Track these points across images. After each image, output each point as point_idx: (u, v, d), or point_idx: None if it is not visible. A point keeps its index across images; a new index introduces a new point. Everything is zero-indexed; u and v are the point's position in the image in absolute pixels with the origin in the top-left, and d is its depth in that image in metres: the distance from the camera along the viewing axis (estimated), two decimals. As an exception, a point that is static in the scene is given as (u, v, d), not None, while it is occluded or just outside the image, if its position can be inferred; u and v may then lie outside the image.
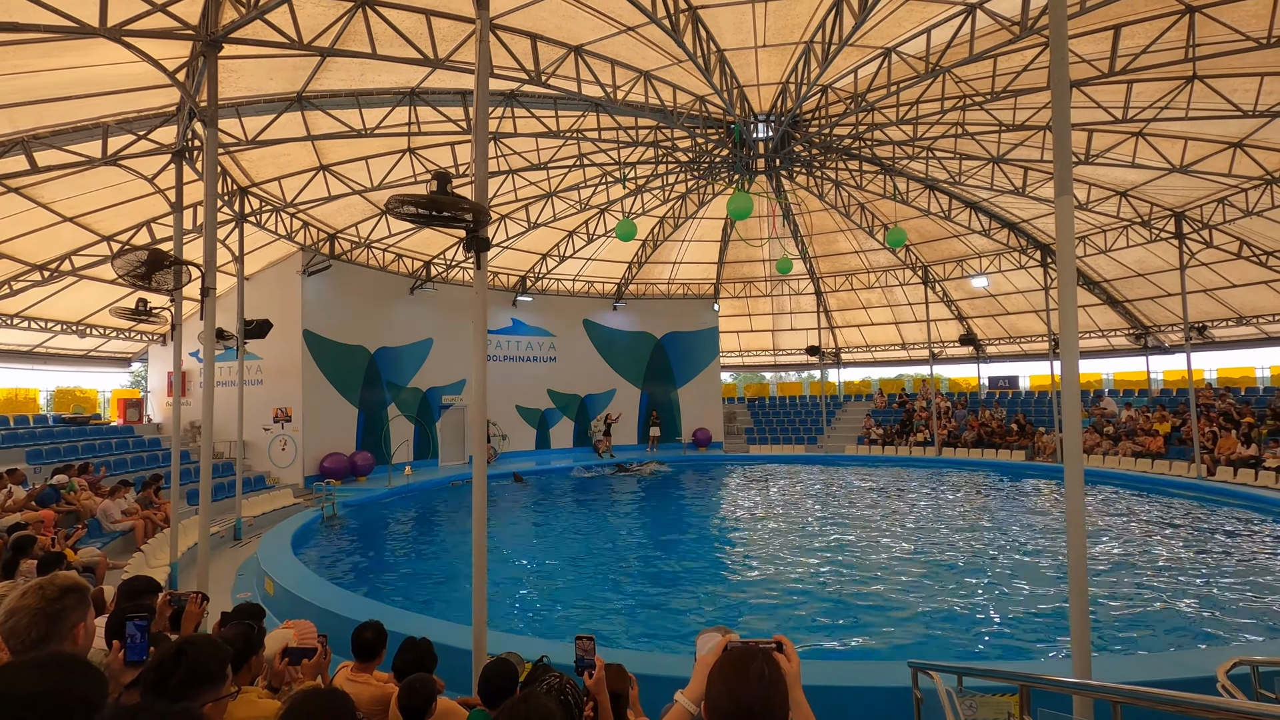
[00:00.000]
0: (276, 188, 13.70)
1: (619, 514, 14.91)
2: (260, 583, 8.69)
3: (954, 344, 26.33)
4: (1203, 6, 8.98)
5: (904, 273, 24.54)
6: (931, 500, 15.42)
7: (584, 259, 23.60)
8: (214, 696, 1.97)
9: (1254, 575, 9.02)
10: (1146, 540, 11.13)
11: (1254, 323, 19.98)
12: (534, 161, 14.89)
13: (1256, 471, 15.60)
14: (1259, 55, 9.73)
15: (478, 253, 4.96)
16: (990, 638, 7.15)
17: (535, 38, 10.08)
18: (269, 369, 17.44)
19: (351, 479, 17.51)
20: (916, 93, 12.36)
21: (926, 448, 23.07)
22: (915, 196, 18.78)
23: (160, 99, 9.46)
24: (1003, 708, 3.36)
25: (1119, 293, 21.79)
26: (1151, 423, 19.39)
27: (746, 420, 28.57)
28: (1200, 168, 13.41)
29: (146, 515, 10.87)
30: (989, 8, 9.41)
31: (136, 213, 12.57)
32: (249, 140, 10.93)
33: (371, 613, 6.31)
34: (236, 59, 9.02)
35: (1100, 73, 10.37)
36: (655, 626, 7.78)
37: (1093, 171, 15.31)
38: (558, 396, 24.77)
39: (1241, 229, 16.41)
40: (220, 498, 13.46)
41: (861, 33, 9.92)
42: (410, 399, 20.46)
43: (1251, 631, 7.10)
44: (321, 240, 17.08)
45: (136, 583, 3.80)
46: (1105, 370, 25.06)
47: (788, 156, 15.30)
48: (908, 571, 9.58)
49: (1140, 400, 21.91)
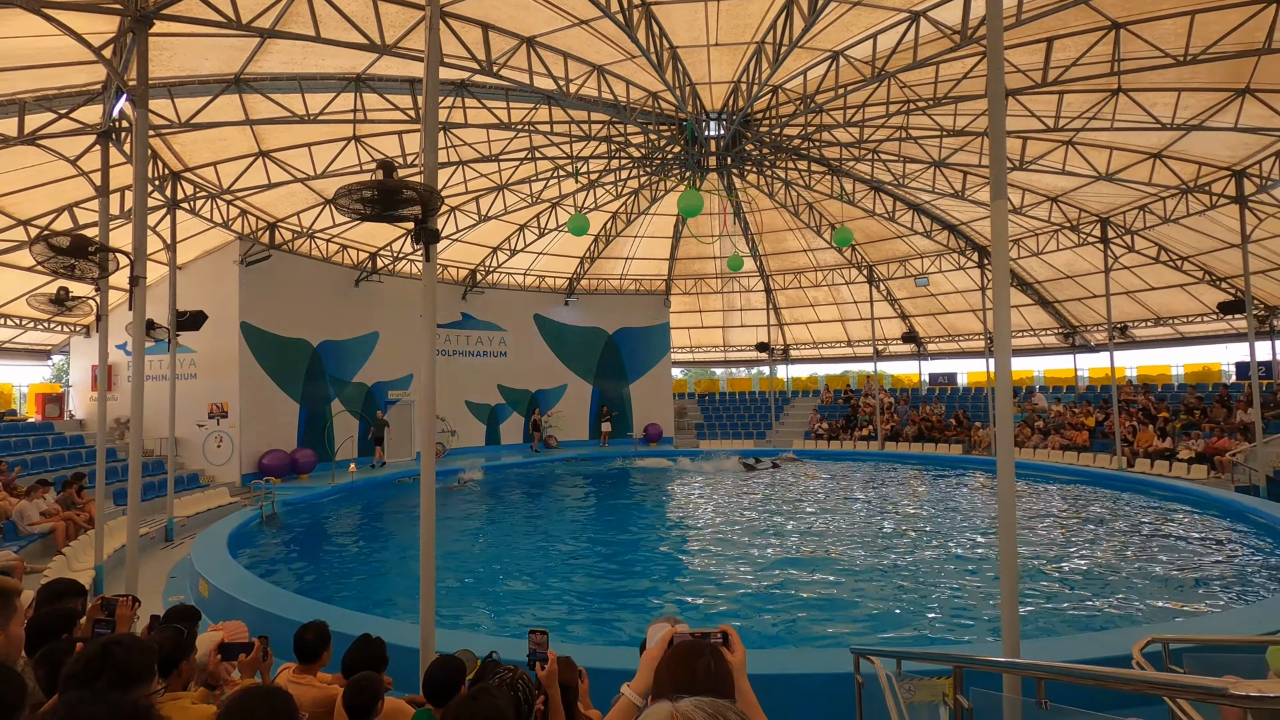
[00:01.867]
0: (212, 173, 13.11)
1: (569, 508, 14.89)
2: (194, 585, 8.35)
3: (897, 341, 27.20)
4: (1128, 23, 9.50)
5: (850, 272, 25.18)
6: (874, 492, 15.91)
7: (535, 253, 23.40)
8: (142, 695, 1.91)
9: (1166, 559, 9.65)
10: (1071, 527, 11.75)
11: (1170, 323, 21.27)
12: (485, 153, 14.67)
13: (1170, 463, 16.64)
14: (1177, 71, 10.37)
15: (426, 244, 4.87)
16: (928, 622, 7.45)
17: (487, 27, 9.92)
18: (203, 363, 16.70)
19: (292, 477, 16.94)
20: (863, 96, 12.70)
21: (870, 442, 23.77)
22: (861, 197, 19.29)
23: (84, 76, 8.94)
24: (938, 689, 3.52)
25: (1049, 294, 22.88)
26: (1078, 417, 20.45)
27: (697, 415, 28.87)
28: (1124, 176, 14.20)
29: (68, 516, 10.29)
30: (931, 16, 9.73)
31: (57, 196, 11.85)
32: (182, 123, 10.43)
33: (314, 613, 6.14)
34: (169, 37, 8.60)
35: (1034, 83, 10.86)
36: (604, 618, 7.82)
37: (1026, 177, 16.03)
38: (508, 392, 24.51)
39: (1160, 235, 17.45)
40: (150, 497, 12.85)
41: (810, 35, 10.13)
42: (355, 394, 19.93)
43: (1163, 611, 7.59)
44: (261, 229, 16.43)
45: (58, 585, 3.59)
46: (1036, 368, 26.29)
47: (739, 155, 15.51)
48: (850, 560, 9.88)
49: (1068, 396, 23.07)
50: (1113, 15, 9.39)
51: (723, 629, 1.44)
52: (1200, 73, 10.48)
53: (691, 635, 1.47)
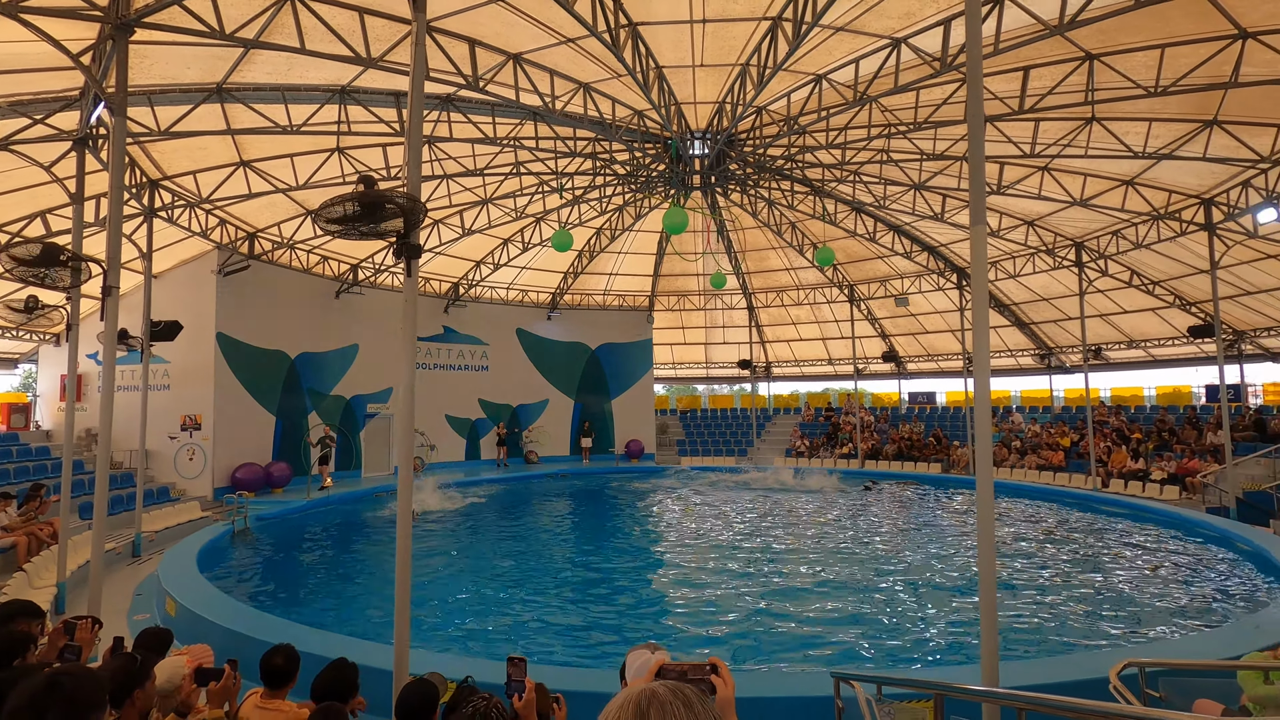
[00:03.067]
0: (191, 182, 12.95)
1: (544, 527, 14.74)
2: (161, 603, 8.11)
3: (877, 360, 27.45)
4: (1101, 54, 9.76)
5: (831, 291, 25.43)
6: (853, 512, 15.94)
7: (519, 268, 23.35)
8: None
9: (1141, 580, 9.75)
10: (1047, 548, 11.85)
11: (1143, 346, 21.71)
12: (469, 167, 14.65)
13: (1144, 483, 16.89)
14: (1148, 102, 10.66)
15: (408, 259, 4.82)
16: (908, 646, 7.43)
17: (474, 43, 9.95)
18: (177, 373, 16.37)
19: (267, 491, 16.61)
20: (845, 119, 12.90)
21: (851, 460, 23.88)
22: (843, 218, 19.53)
23: (61, 82, 8.80)
24: (919, 715, 3.50)
25: (1026, 315, 23.26)
26: (1054, 438, 20.72)
27: (679, 432, 28.84)
28: (1098, 202, 14.53)
29: (30, 530, 9.96)
30: (913, 43, 9.94)
31: (29, 202, 11.62)
32: (162, 131, 10.30)
33: (285, 634, 6.00)
34: (150, 44, 8.51)
35: (1011, 110, 11.10)
36: (580, 641, 7.71)
37: (1004, 201, 16.34)
38: (489, 406, 24.32)
39: (1132, 260, 17.85)
40: (118, 511, 12.51)
41: (795, 59, 10.28)
42: (333, 407, 19.65)
43: (1137, 632, 7.65)
44: (240, 239, 16.22)
45: (10, 606, 3.46)
46: (1013, 388, 26.70)
47: (723, 174, 15.64)
48: (829, 581, 9.86)
49: (1044, 417, 23.39)
50: (1087, 47, 9.65)
51: (712, 661, 1.37)
52: (1170, 104, 10.79)
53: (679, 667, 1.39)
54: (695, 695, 0.90)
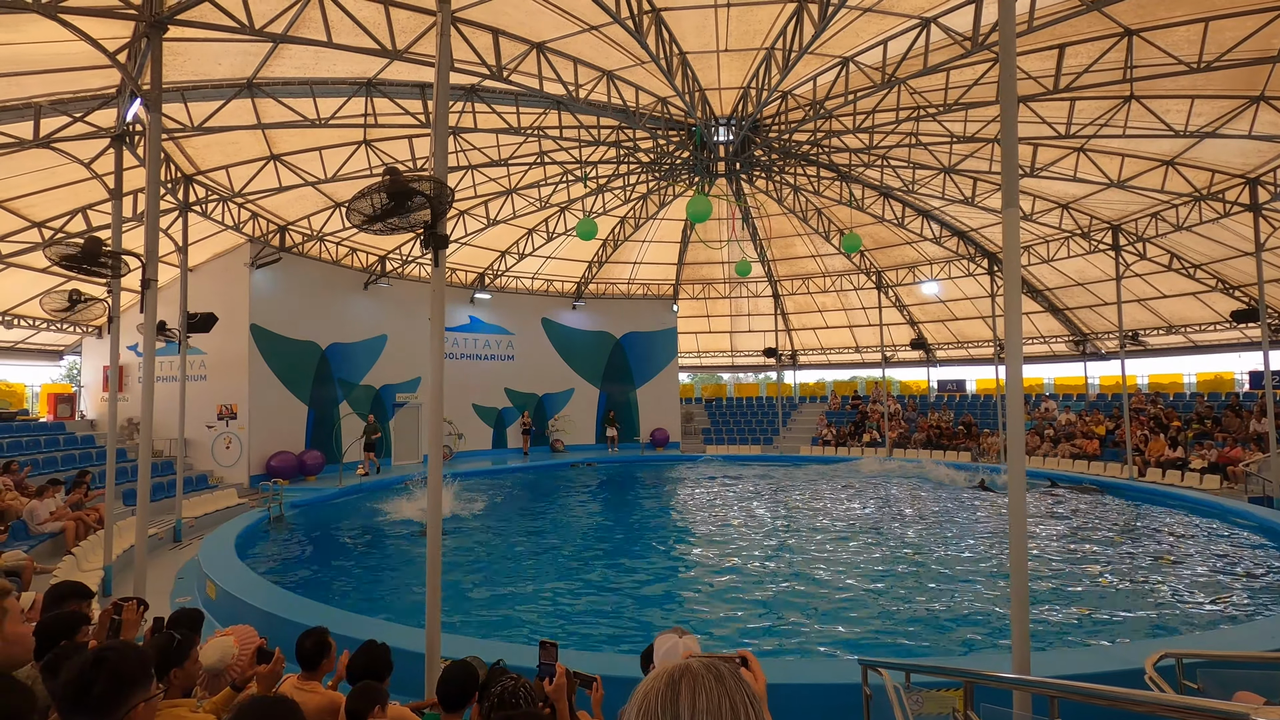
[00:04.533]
0: (224, 176, 13.21)
1: (573, 513, 14.86)
2: (202, 586, 8.37)
3: (905, 348, 27.06)
4: (1140, 30, 9.43)
5: (858, 277, 25.09)
6: (881, 500, 15.80)
7: (543, 257, 23.45)
8: (144, 698, 1.90)
9: (1178, 571, 9.52)
10: (1082, 537, 11.62)
11: (1182, 331, 21.07)
12: (494, 158, 14.71)
13: (1183, 473, 16.45)
14: (1190, 79, 10.27)
15: (435, 250, 4.88)
16: (937, 634, 7.37)
17: (497, 33, 9.96)
18: (213, 364, 16.81)
19: (300, 478, 17.00)
20: (873, 102, 12.66)
21: (878, 449, 23.63)
22: (870, 203, 19.22)
23: (99, 80, 9.02)
24: (948, 703, 3.47)
25: (1060, 301, 22.71)
26: (1089, 426, 20.26)
27: (704, 421, 28.79)
28: (1136, 183, 14.08)
29: (78, 516, 10.35)
30: (943, 22, 9.70)
31: (71, 199, 11.96)
32: (195, 126, 10.51)
33: (319, 616, 6.17)
34: (183, 41, 8.67)
35: (1045, 89, 10.79)
36: (609, 625, 7.78)
37: (1037, 184, 15.93)
38: (515, 395, 24.53)
39: (1172, 243, 17.30)
40: (159, 498, 12.91)
41: (821, 41, 10.11)
42: (363, 396, 19.99)
43: (1175, 623, 7.49)
44: (271, 232, 16.54)
45: (62, 588, 3.61)
46: (1046, 375, 26.10)
47: (747, 160, 15.48)
48: (858, 569, 9.80)
49: (1078, 404, 22.87)
50: (1125, 22, 9.32)
51: (741, 654, 1.36)
52: (1214, 80, 10.38)
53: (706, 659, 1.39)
54: (728, 670, 0.90)
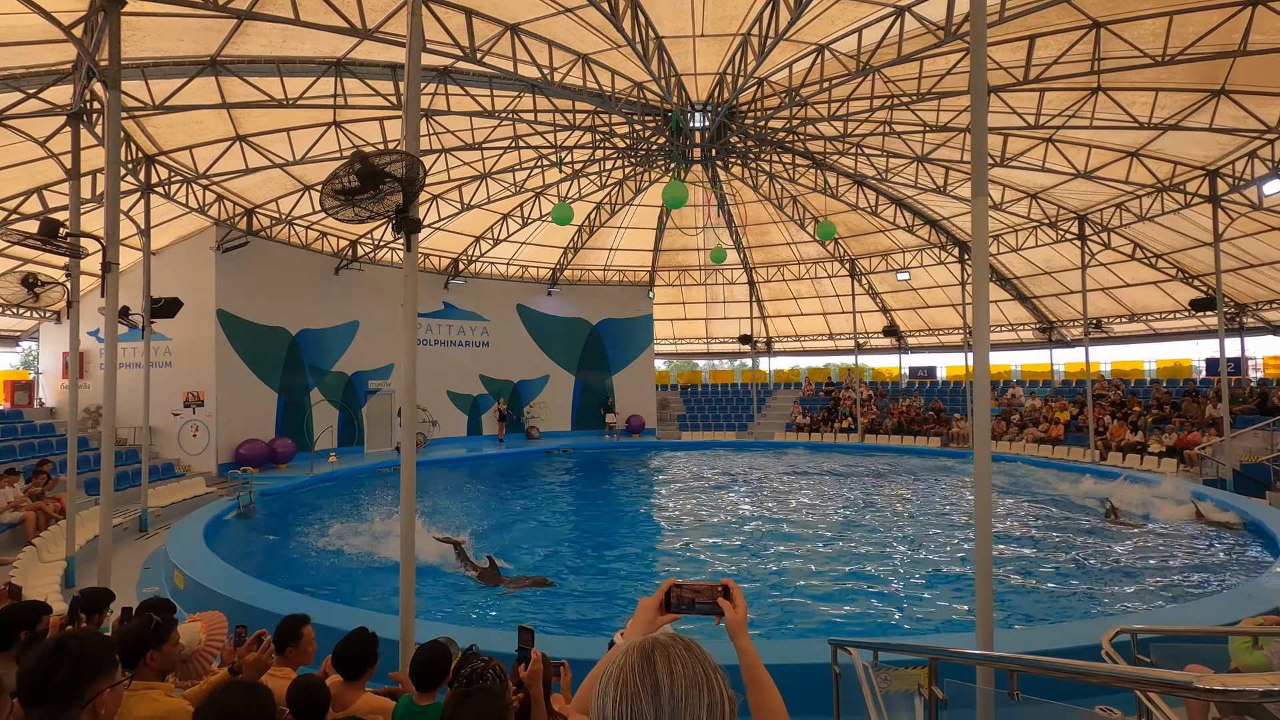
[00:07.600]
0: (187, 157, 12.83)
1: (547, 498, 14.88)
2: (169, 576, 8.23)
3: (878, 335, 27.43)
4: (1109, 22, 9.60)
5: (832, 265, 25.31)
6: (852, 484, 16.07)
7: (519, 243, 23.23)
8: (108, 685, 1.87)
9: (1136, 551, 9.86)
10: (1044, 519, 11.96)
11: (1144, 319, 21.67)
12: (468, 141, 14.49)
13: (1142, 456, 16.99)
14: (1155, 71, 10.50)
15: (408, 234, 4.80)
16: (903, 613, 7.55)
17: (471, 13, 9.78)
18: (179, 350, 16.41)
19: (270, 467, 16.74)
20: (847, 90, 12.72)
21: (851, 434, 24.00)
22: (845, 191, 19.36)
23: (54, 55, 8.68)
24: (914, 679, 3.57)
25: (1027, 289, 23.18)
26: (1053, 411, 20.79)
27: (679, 407, 28.94)
28: (1102, 174, 14.39)
29: (38, 507, 10.08)
30: (916, 11, 9.76)
31: (25, 178, 11.53)
32: (156, 105, 10.19)
33: (291, 605, 6.11)
34: (142, 16, 8.38)
35: (1016, 80, 10.94)
36: (581, 609, 7.84)
37: (1007, 174, 16.19)
38: (490, 382, 24.39)
39: (1136, 233, 17.73)
40: (124, 487, 12.62)
41: (796, 28, 10.10)
42: (335, 383, 19.71)
43: (1131, 600, 7.77)
44: (238, 215, 16.13)
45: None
46: (1014, 362, 26.67)
47: (724, 147, 15.48)
48: (827, 551, 9.98)
49: (1044, 390, 23.43)
50: (1094, 14, 9.48)
51: (724, 583, 1.39)
52: (1177, 73, 10.63)
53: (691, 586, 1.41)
54: (694, 642, 0.96)
